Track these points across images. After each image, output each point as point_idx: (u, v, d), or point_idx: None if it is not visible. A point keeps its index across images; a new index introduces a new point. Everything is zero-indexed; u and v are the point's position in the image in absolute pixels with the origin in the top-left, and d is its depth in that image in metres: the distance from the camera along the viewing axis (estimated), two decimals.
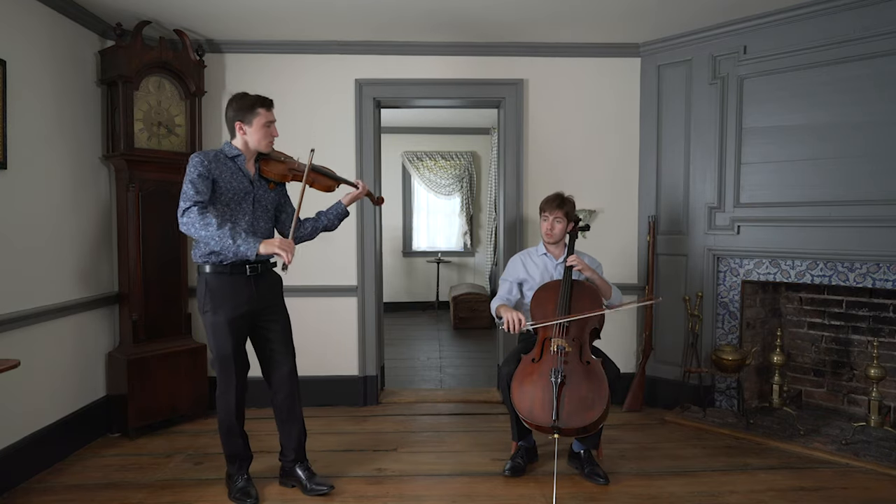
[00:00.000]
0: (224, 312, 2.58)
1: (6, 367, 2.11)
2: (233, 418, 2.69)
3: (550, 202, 3.08)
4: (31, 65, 2.99)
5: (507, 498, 2.75)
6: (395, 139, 7.81)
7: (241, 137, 2.61)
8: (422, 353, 5.82)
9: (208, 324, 2.61)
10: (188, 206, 2.41)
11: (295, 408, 2.79)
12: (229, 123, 2.62)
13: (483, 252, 8.25)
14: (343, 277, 4.07)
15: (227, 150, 2.62)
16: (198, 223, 2.38)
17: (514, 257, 3.27)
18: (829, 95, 3.33)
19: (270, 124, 2.63)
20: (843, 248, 3.31)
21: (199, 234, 2.40)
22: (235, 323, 2.61)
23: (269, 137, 2.63)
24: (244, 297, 2.62)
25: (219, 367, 2.65)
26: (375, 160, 4.10)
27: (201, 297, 2.62)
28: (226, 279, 2.59)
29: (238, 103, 2.60)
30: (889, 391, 3.47)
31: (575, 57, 4.04)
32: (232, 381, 2.65)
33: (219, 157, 2.57)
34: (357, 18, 3.56)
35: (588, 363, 2.74)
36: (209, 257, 2.58)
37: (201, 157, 2.52)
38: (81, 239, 3.39)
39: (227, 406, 2.67)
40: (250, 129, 2.59)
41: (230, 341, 2.60)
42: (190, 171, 2.48)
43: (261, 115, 2.59)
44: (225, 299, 2.58)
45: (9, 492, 2.79)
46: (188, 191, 2.44)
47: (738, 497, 2.74)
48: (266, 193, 2.70)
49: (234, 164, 2.60)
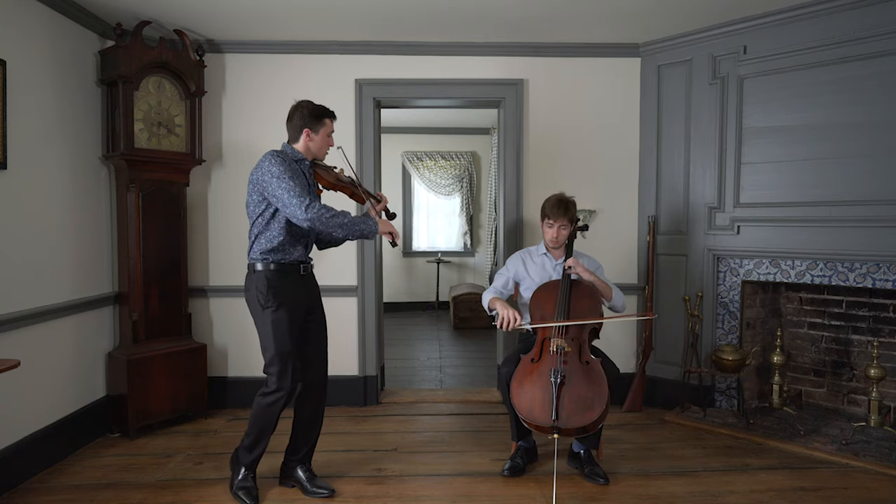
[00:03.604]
0: (287, 308, 2.60)
1: (6, 367, 2.11)
2: (272, 422, 2.65)
3: (556, 209, 2.99)
4: (31, 65, 2.99)
5: (506, 498, 2.75)
6: (395, 139, 7.81)
7: (304, 143, 2.67)
8: (422, 353, 5.82)
9: (269, 320, 2.59)
10: (307, 202, 2.47)
11: (322, 407, 2.85)
12: (295, 128, 2.67)
13: (483, 252, 8.25)
14: (343, 277, 4.07)
15: (291, 152, 2.67)
16: (325, 214, 2.48)
17: (515, 254, 3.26)
18: (830, 95, 3.32)
19: (331, 135, 2.73)
20: (843, 248, 3.31)
21: (333, 223, 2.49)
22: (297, 320, 2.65)
23: (328, 147, 2.74)
24: (302, 295, 2.69)
25: (278, 366, 2.60)
26: (375, 160, 4.10)
27: (261, 294, 2.59)
28: (286, 277, 2.63)
29: (308, 110, 2.66)
30: (889, 391, 3.46)
31: (575, 57, 4.04)
32: (287, 380, 2.61)
33: (287, 157, 2.62)
34: (357, 18, 3.56)
35: (587, 363, 2.74)
36: (269, 255, 2.61)
37: (281, 156, 2.57)
38: (81, 239, 3.39)
39: (273, 406, 2.62)
40: (317, 136, 2.67)
41: (291, 338, 2.62)
42: (277, 171, 2.50)
43: (327, 126, 2.69)
44: (287, 296, 2.62)
45: (9, 492, 2.79)
46: (294, 188, 2.48)
47: (738, 497, 2.74)
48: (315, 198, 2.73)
49: (298, 167, 2.65)
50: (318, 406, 2.84)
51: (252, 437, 2.69)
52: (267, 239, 2.61)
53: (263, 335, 2.62)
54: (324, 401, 2.85)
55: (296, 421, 2.82)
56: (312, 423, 2.82)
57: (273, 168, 2.51)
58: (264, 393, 2.63)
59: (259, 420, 2.65)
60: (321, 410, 2.85)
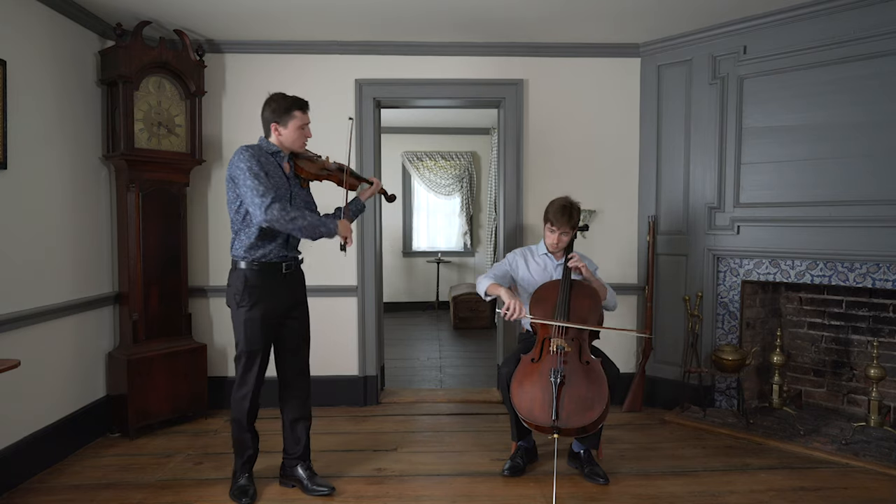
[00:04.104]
0: (261, 308, 2.60)
1: (6, 367, 2.11)
2: (244, 413, 2.68)
3: (560, 217, 2.94)
4: (31, 65, 2.99)
5: (506, 498, 2.75)
6: (395, 139, 7.81)
7: (276, 137, 2.63)
8: (422, 353, 5.82)
9: (241, 319, 2.61)
10: (267, 202, 2.44)
11: (308, 402, 2.82)
12: (266, 123, 2.64)
13: (483, 252, 8.25)
14: (343, 277, 4.07)
15: (266, 146, 2.63)
16: (285, 216, 2.45)
17: (516, 251, 3.24)
18: (830, 95, 3.32)
19: (305, 126, 2.65)
20: (843, 248, 3.31)
21: (292, 226, 2.46)
22: (270, 320, 2.64)
23: (303, 139, 2.67)
24: (281, 294, 2.66)
25: (244, 363, 2.64)
26: (375, 160, 4.10)
27: (237, 291, 2.60)
28: (266, 276, 2.61)
29: (275, 104, 2.61)
30: (889, 391, 3.46)
31: (575, 57, 4.04)
32: (252, 378, 2.65)
33: (262, 151, 2.60)
34: (357, 18, 3.56)
35: (587, 363, 2.74)
36: (249, 253, 2.59)
37: (250, 150, 2.54)
38: (81, 239, 3.39)
39: (242, 400, 2.67)
40: (286, 130, 2.61)
41: (262, 338, 2.62)
42: (245, 167, 2.48)
43: (296, 118, 2.61)
44: (264, 296, 2.60)
45: (9, 492, 2.79)
46: (258, 186, 2.45)
47: (738, 497, 2.74)
48: (299, 191, 2.71)
49: (274, 160, 2.62)
50: (303, 403, 2.80)
51: (232, 429, 2.74)
52: (246, 236, 2.59)
53: (236, 331, 2.66)
54: (308, 398, 2.81)
55: (283, 420, 2.82)
56: (299, 420, 2.79)
57: (241, 164, 2.49)
58: (235, 387, 2.69)
59: (232, 412, 2.72)
60: (306, 408, 2.81)
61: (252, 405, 2.70)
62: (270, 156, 2.62)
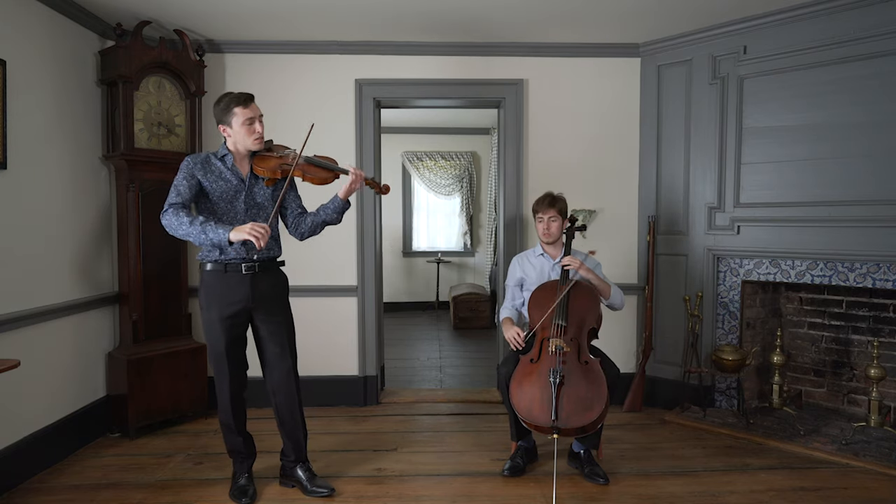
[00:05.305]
0: (217, 310, 2.60)
1: (6, 367, 2.11)
2: (228, 415, 2.71)
3: (542, 202, 3.12)
4: (31, 65, 2.99)
5: (506, 498, 2.75)
6: (395, 139, 7.81)
7: (228, 140, 2.62)
8: (422, 353, 5.82)
9: (204, 320, 2.66)
10: (165, 208, 2.48)
11: (294, 409, 2.77)
12: (218, 127, 2.64)
13: (483, 252, 8.25)
14: (343, 277, 4.07)
15: (219, 150, 2.66)
16: (174, 222, 2.44)
17: (512, 261, 3.28)
18: (830, 95, 3.32)
19: (252, 121, 2.55)
20: (843, 248, 3.31)
21: (178, 233, 2.45)
22: (228, 321, 2.62)
23: (254, 134, 2.56)
24: (239, 295, 2.61)
25: (214, 365, 2.69)
26: (375, 160, 4.10)
27: (200, 293, 2.66)
28: (221, 277, 2.61)
29: (217, 106, 2.60)
30: (889, 391, 3.46)
31: (575, 57, 4.03)
32: (225, 379, 2.67)
33: (209, 158, 2.62)
34: (357, 18, 3.56)
35: (586, 363, 2.74)
36: (208, 255, 2.60)
37: (189, 159, 2.59)
38: (81, 239, 3.39)
39: (223, 402, 2.71)
40: (232, 129, 2.58)
41: (223, 339, 2.63)
42: (177, 175, 2.55)
43: (238, 115, 2.54)
44: (218, 297, 2.61)
45: (9, 492, 2.79)
46: (170, 193, 2.51)
47: (738, 497, 2.74)
48: (263, 191, 2.67)
49: (222, 164, 2.62)
50: (291, 403, 2.75)
51: (224, 441, 2.78)
52: None
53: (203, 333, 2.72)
54: (296, 397, 2.76)
55: (277, 423, 2.82)
56: (289, 421, 2.77)
57: (179, 170, 2.56)
58: (217, 391, 2.73)
59: (219, 418, 2.76)
60: (295, 407, 2.77)
61: (235, 407, 2.71)
62: (219, 160, 2.62)
